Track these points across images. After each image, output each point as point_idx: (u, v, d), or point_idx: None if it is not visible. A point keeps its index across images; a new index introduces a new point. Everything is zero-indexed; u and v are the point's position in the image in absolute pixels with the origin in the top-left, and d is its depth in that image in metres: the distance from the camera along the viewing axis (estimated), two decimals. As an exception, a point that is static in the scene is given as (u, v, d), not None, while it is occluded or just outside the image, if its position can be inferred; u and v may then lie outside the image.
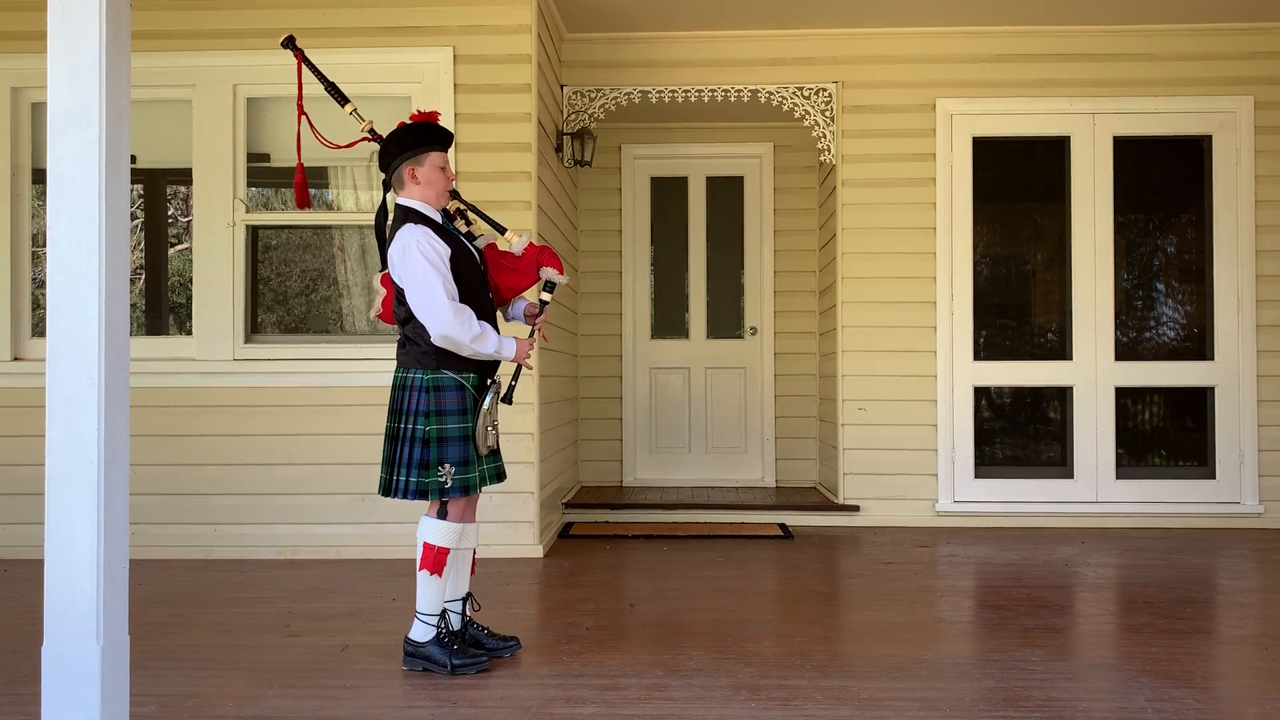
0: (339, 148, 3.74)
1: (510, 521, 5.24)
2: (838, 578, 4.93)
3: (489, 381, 3.43)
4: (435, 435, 3.31)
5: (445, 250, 3.31)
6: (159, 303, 6.06)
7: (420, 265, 3.25)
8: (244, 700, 3.09)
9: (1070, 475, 6.21)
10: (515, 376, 3.54)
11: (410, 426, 3.33)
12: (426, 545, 3.37)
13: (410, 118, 3.46)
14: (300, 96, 3.66)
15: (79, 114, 2.54)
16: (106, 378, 2.55)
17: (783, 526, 6.15)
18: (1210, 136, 6.23)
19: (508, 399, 3.53)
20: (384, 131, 3.56)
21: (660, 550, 5.49)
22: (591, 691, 3.16)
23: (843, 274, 6.31)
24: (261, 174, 5.65)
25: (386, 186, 3.49)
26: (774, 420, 7.51)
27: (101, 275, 2.54)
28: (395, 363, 3.46)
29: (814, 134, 6.37)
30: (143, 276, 6.02)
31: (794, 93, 6.34)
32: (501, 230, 3.64)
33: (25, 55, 5.34)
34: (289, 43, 3.65)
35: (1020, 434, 6.51)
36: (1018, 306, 6.51)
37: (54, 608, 2.53)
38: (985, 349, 6.33)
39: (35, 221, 5.55)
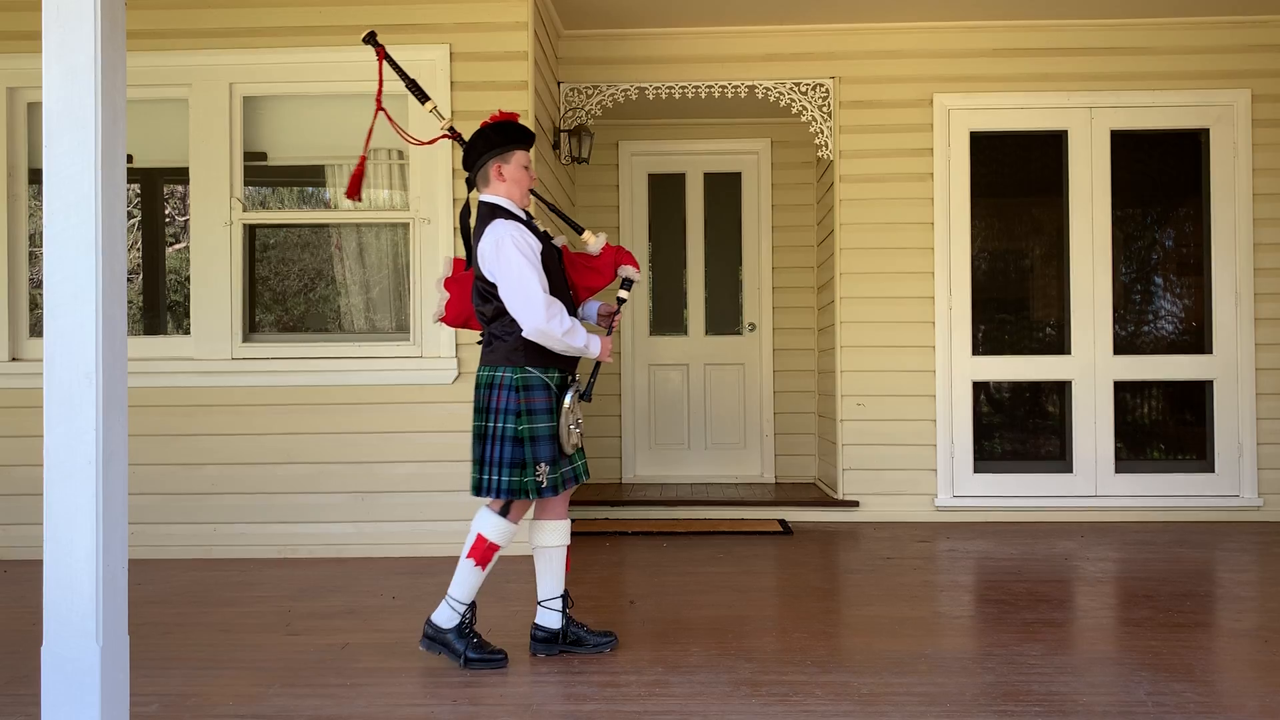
0: (422, 144, 3.81)
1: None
2: (837, 573, 4.93)
3: (570, 379, 3.45)
4: (528, 434, 3.32)
5: (537, 245, 3.34)
6: (157, 302, 6.06)
7: (515, 259, 3.26)
8: (244, 699, 3.09)
9: (1069, 469, 6.21)
10: (594, 374, 3.58)
11: (500, 425, 3.33)
12: (480, 537, 3.38)
13: (491, 117, 3.49)
14: (380, 92, 3.68)
15: (74, 114, 2.53)
16: (104, 377, 2.54)
17: (782, 522, 6.15)
18: (1207, 130, 6.22)
19: (587, 396, 3.56)
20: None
21: (660, 547, 5.49)
22: (592, 688, 3.16)
23: (841, 269, 6.31)
24: (259, 173, 5.64)
25: (470, 184, 3.52)
26: (773, 416, 7.51)
27: (98, 275, 2.53)
28: (480, 362, 3.45)
29: (811, 130, 6.36)
30: (140, 276, 6.01)
31: (791, 88, 6.33)
32: (579, 230, 3.67)
33: (21, 55, 5.33)
34: (370, 38, 3.70)
35: (1019, 428, 6.51)
36: (1016, 301, 6.51)
37: (53, 608, 2.53)
38: (984, 344, 6.33)
39: (32, 221, 5.55)
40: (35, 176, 5.51)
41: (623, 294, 3.63)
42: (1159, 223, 6.53)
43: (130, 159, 5.42)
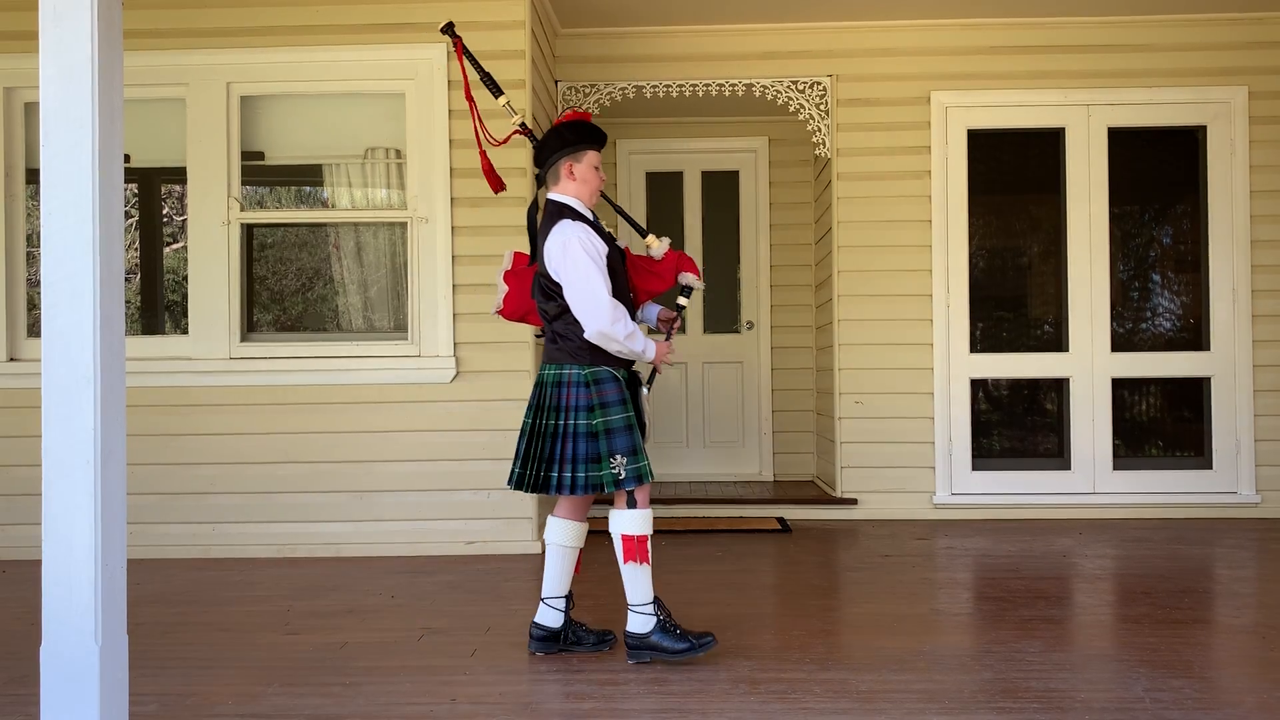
0: (498, 143, 3.75)
1: (508, 518, 5.24)
2: (836, 571, 4.93)
3: (635, 374, 3.48)
4: (602, 428, 3.31)
5: (603, 248, 3.35)
6: (154, 302, 6.06)
7: (582, 261, 3.27)
8: (243, 699, 3.10)
9: (1068, 467, 6.22)
10: (651, 378, 3.61)
11: (574, 422, 3.32)
12: (625, 537, 3.36)
13: (564, 116, 3.49)
14: (467, 84, 3.67)
15: (71, 113, 2.53)
16: (102, 377, 2.54)
17: (781, 520, 6.16)
18: (1205, 127, 6.22)
19: None
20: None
21: (658, 545, 5.48)
22: (591, 687, 3.16)
23: (839, 267, 6.31)
24: (256, 172, 5.64)
25: (539, 181, 3.52)
26: (771, 414, 7.51)
27: (96, 275, 2.53)
28: (544, 359, 3.45)
29: (809, 128, 6.36)
30: (138, 276, 6.01)
31: (789, 86, 6.33)
32: (643, 233, 3.67)
33: (18, 55, 5.33)
34: (448, 29, 3.68)
35: (1017, 426, 6.51)
36: (1014, 298, 6.52)
37: (52, 608, 2.53)
38: (982, 341, 6.33)
39: (30, 221, 5.54)
40: (33, 177, 5.51)
41: (682, 300, 3.63)
42: (1156, 220, 6.53)
43: (127, 159, 5.43)
